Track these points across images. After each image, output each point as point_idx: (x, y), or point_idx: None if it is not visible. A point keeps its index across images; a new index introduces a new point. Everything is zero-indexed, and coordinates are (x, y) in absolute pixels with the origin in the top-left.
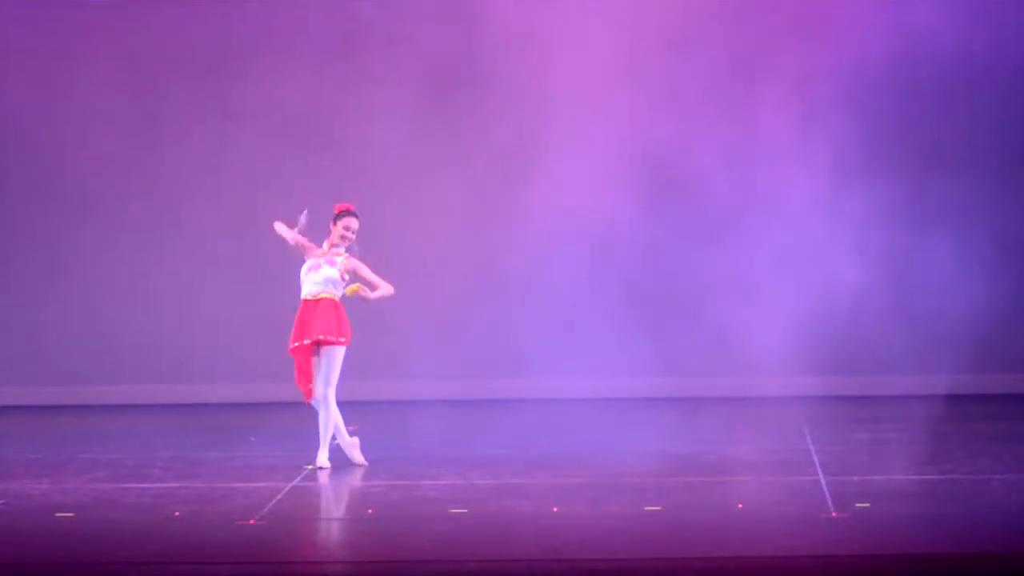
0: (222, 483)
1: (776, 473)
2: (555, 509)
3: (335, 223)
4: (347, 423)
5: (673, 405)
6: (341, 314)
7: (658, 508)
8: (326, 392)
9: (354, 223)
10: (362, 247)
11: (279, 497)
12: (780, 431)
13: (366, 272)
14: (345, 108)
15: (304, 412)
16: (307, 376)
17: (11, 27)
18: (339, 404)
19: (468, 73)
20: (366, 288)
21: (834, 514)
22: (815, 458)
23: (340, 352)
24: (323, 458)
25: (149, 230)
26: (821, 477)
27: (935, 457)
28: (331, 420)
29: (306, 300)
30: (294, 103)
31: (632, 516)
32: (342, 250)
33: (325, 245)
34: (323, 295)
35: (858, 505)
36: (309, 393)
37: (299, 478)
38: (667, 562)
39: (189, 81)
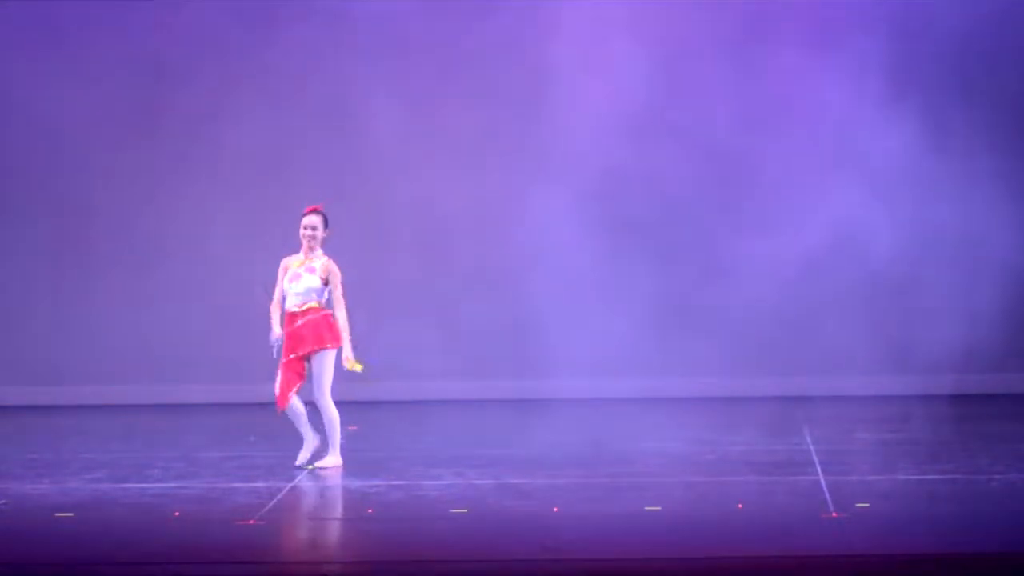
0: (222, 483)
1: (776, 473)
2: (555, 509)
3: (301, 228)
4: (347, 423)
5: (673, 405)
6: (327, 319)
7: (658, 508)
8: (322, 398)
9: (312, 219)
10: (364, 240)
11: (279, 497)
12: (780, 431)
13: (336, 283)
14: (346, 98)
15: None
16: (288, 387)
17: (11, 25)
18: (342, 404)
19: (473, 52)
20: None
21: (834, 514)
22: (815, 458)
23: (330, 356)
24: (333, 458)
25: (149, 230)
26: (821, 477)
27: (935, 457)
28: (335, 420)
29: (291, 313)
30: (293, 100)
31: (632, 516)
32: (319, 253)
33: (301, 254)
34: (308, 305)
35: (858, 505)
36: (283, 403)
37: (299, 478)
38: (667, 562)
39: (188, 82)
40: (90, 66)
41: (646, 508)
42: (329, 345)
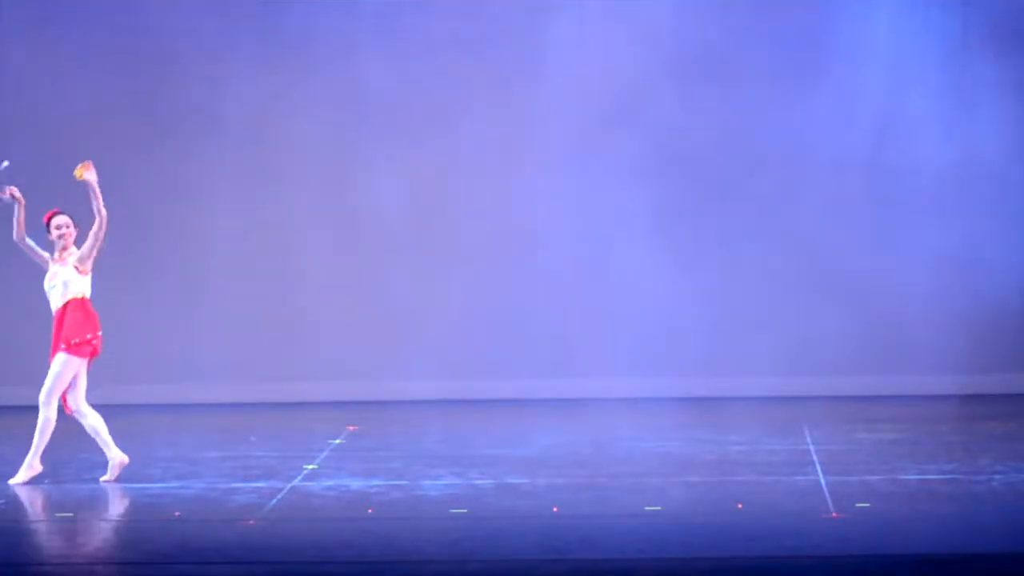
0: (222, 483)
1: (776, 473)
2: (555, 509)
3: (49, 233)
4: (349, 423)
5: (673, 405)
6: (75, 317)
7: (658, 508)
8: (42, 398)
9: (63, 219)
10: (361, 236)
11: (279, 497)
12: (780, 431)
13: (88, 244)
14: (348, 78)
15: (303, 412)
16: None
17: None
18: (345, 404)
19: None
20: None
21: (834, 514)
22: (815, 458)
23: (61, 360)
24: (22, 475)
25: (148, 230)
26: (821, 477)
27: (935, 457)
28: (44, 427)
29: (57, 311)
30: (293, 84)
31: (632, 516)
32: (72, 250)
33: (56, 254)
34: (68, 297)
35: (858, 505)
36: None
37: (299, 478)
38: (667, 562)
39: (187, 79)
40: (88, 65)
41: (646, 508)
42: (62, 346)
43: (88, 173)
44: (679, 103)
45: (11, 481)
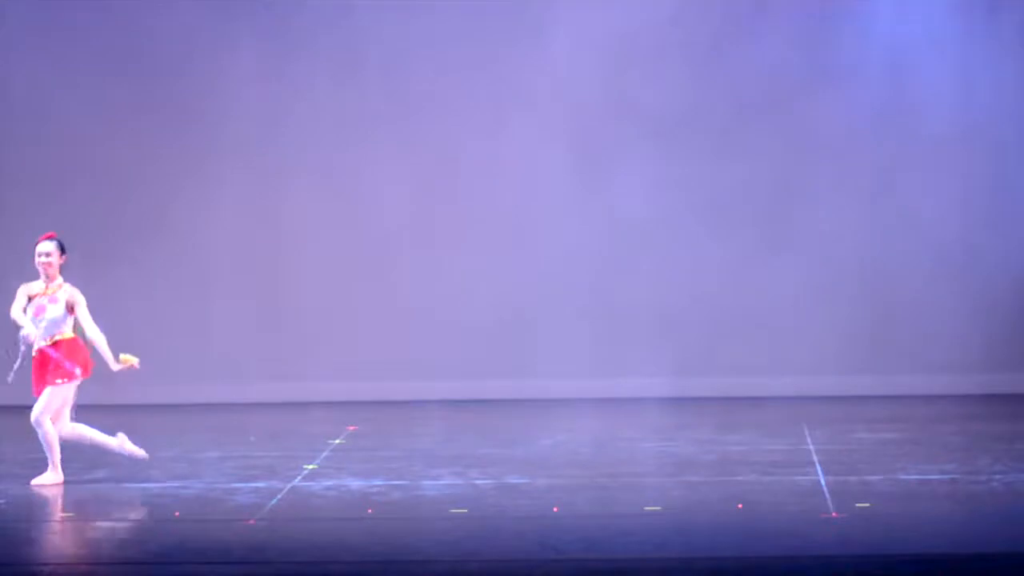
0: (222, 483)
1: (776, 473)
2: (555, 509)
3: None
4: (349, 423)
5: (673, 405)
6: (72, 346)
7: (658, 508)
8: (39, 417)
9: (47, 246)
10: (359, 236)
11: (279, 497)
12: (780, 431)
13: (82, 310)
14: (350, 106)
15: (303, 413)
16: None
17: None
18: (342, 404)
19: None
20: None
21: (834, 514)
22: (815, 458)
23: (71, 386)
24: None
25: (147, 229)
26: (821, 477)
27: (935, 457)
28: (51, 438)
29: (41, 349)
30: (291, 63)
31: (632, 516)
32: (60, 281)
33: (41, 283)
34: (57, 337)
35: (858, 505)
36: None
37: (299, 478)
38: (667, 562)
39: (190, 80)
40: (90, 68)
41: (646, 508)
42: (77, 371)
43: (133, 362)
44: (679, 83)
45: (34, 482)
